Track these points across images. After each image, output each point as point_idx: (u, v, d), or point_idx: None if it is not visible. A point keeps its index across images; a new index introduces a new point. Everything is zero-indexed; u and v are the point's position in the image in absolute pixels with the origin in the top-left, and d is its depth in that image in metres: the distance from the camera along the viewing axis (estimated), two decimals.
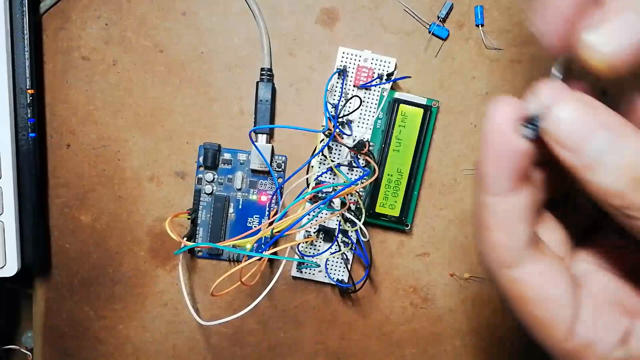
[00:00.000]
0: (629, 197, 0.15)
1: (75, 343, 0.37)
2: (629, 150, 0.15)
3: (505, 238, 0.17)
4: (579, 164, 0.15)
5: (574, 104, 0.16)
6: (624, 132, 0.15)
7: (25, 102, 0.32)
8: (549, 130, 0.16)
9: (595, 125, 0.15)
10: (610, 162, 0.15)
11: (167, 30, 0.35)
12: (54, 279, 0.36)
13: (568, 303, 0.18)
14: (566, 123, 0.15)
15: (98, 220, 0.36)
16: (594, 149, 0.15)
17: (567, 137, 0.15)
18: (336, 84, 0.34)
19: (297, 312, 0.37)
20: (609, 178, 0.15)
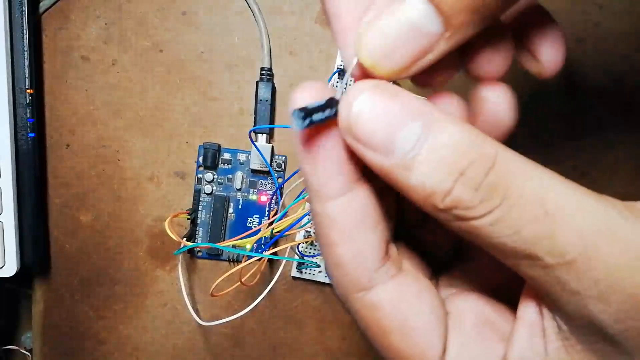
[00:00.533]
0: (456, 193, 0.12)
1: (75, 343, 0.37)
2: (446, 138, 0.12)
3: (350, 252, 0.14)
4: (390, 164, 0.13)
5: (372, 91, 0.13)
6: (436, 118, 0.13)
7: (24, 102, 0.32)
8: (346, 128, 0.13)
9: (403, 114, 0.13)
10: (428, 155, 0.12)
11: (167, 30, 0.35)
12: (53, 279, 0.36)
13: (436, 332, 0.15)
14: (367, 116, 0.13)
15: (98, 220, 0.36)
16: (405, 143, 0.12)
17: (371, 133, 0.13)
18: (336, 84, 0.34)
19: (297, 312, 0.37)
20: (429, 175, 0.12)
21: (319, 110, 0.13)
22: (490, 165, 0.12)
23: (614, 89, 0.34)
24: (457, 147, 0.12)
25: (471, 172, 0.12)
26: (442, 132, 0.13)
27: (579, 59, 0.34)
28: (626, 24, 0.34)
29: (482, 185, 0.12)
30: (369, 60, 0.13)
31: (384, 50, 0.13)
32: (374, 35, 0.13)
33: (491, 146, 0.13)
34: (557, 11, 0.36)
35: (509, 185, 0.12)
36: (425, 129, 0.13)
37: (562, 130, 0.35)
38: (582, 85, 0.34)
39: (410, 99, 0.13)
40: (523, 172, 0.13)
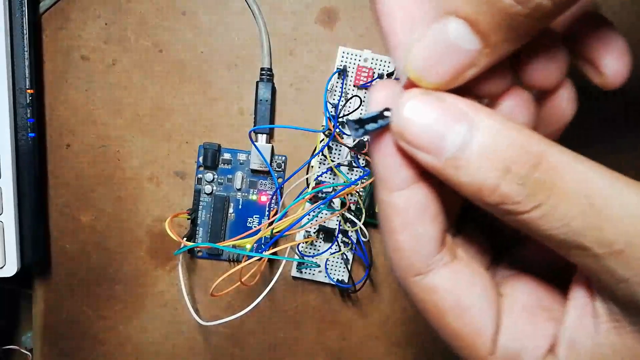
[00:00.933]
0: (503, 190, 0.13)
1: (75, 343, 0.37)
2: (490, 136, 0.13)
3: (410, 239, 0.16)
4: (440, 164, 0.14)
5: (420, 98, 0.14)
6: (481, 118, 0.14)
7: (24, 102, 0.32)
8: (398, 133, 0.14)
9: (449, 116, 0.14)
10: (474, 154, 0.13)
11: (167, 30, 0.35)
12: (53, 279, 0.36)
13: (488, 312, 0.16)
14: (415, 122, 0.14)
15: (98, 221, 0.36)
16: (453, 144, 0.13)
17: (420, 137, 0.14)
18: (336, 84, 0.34)
19: (297, 312, 0.37)
20: (477, 173, 0.13)
21: (373, 121, 0.15)
22: (536, 161, 0.13)
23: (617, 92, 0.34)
24: (502, 146, 0.13)
25: (517, 169, 0.13)
26: (487, 132, 0.13)
27: None
28: (626, 24, 0.34)
29: (529, 181, 0.13)
30: (414, 74, 0.14)
31: (427, 66, 0.14)
32: (417, 52, 0.14)
33: (537, 143, 0.13)
34: None
35: (555, 181, 0.13)
36: (471, 130, 0.13)
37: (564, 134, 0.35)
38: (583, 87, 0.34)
39: (457, 102, 0.14)
40: (569, 167, 0.13)
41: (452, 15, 0.13)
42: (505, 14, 0.12)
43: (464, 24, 0.13)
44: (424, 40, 0.14)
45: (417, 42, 0.14)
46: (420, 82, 0.14)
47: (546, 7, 0.12)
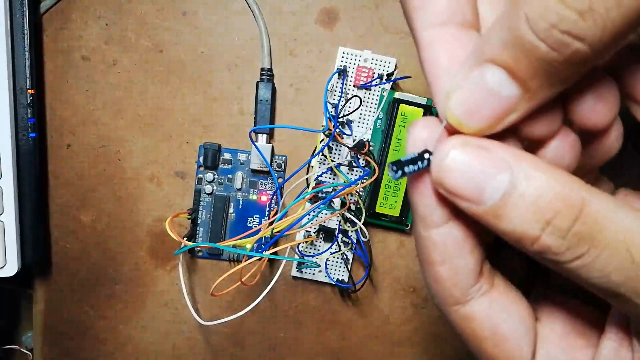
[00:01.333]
0: (544, 241, 0.13)
1: (76, 343, 0.37)
2: (532, 188, 0.13)
3: (449, 271, 0.16)
4: (481, 212, 0.14)
5: (461, 149, 0.14)
6: (524, 168, 0.13)
7: (25, 102, 0.32)
8: (438, 182, 0.14)
9: (491, 166, 0.14)
10: (515, 205, 0.13)
11: (167, 30, 0.35)
12: (54, 279, 0.36)
13: (525, 339, 0.16)
14: (456, 172, 0.14)
15: (98, 220, 0.36)
16: (494, 194, 0.13)
17: (461, 186, 0.14)
18: (336, 84, 0.34)
19: (297, 312, 0.37)
20: (518, 224, 0.13)
21: (412, 163, 0.15)
22: (577, 213, 0.13)
23: None
24: (544, 197, 0.13)
25: (558, 222, 0.13)
26: (529, 183, 0.13)
27: None
28: None
29: (569, 234, 0.13)
30: (454, 120, 0.14)
31: (467, 112, 0.14)
32: (457, 98, 0.14)
33: (578, 194, 0.13)
34: None
35: (595, 234, 0.13)
36: (512, 180, 0.13)
37: None
38: None
39: (499, 151, 0.14)
40: (609, 216, 0.13)
41: (490, 63, 0.13)
42: (542, 61, 0.12)
43: (502, 71, 0.13)
44: (463, 86, 0.14)
45: (457, 89, 0.14)
46: (460, 128, 0.14)
47: (584, 54, 0.12)
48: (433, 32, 0.15)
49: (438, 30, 0.15)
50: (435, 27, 0.15)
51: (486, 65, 0.13)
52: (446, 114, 0.14)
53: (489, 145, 0.14)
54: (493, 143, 0.14)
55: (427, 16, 0.15)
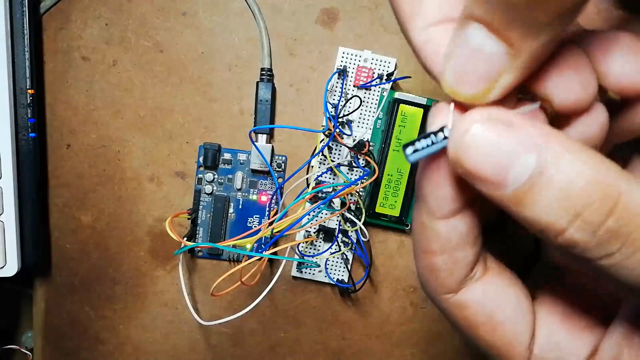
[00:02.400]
0: (571, 235, 0.12)
1: (75, 343, 0.37)
2: (563, 173, 0.12)
3: (447, 263, 0.15)
4: (503, 197, 0.12)
5: (483, 123, 0.12)
6: (554, 150, 0.12)
7: (25, 102, 0.32)
8: (456, 161, 0.13)
9: (516, 147, 0.12)
10: (542, 192, 0.12)
11: (167, 30, 0.35)
12: (54, 279, 0.36)
13: (522, 323, 0.16)
14: (476, 151, 0.12)
15: (98, 221, 0.36)
16: (518, 178, 0.12)
17: (482, 166, 0.12)
18: (336, 84, 0.34)
19: (297, 312, 0.37)
20: (543, 213, 0.12)
21: (427, 144, 0.13)
22: (611, 207, 0.12)
23: None
24: (575, 185, 0.12)
25: (589, 215, 0.12)
26: (559, 167, 0.12)
27: None
28: None
29: (601, 229, 0.12)
30: (448, 89, 0.13)
31: (458, 76, 0.13)
32: (448, 65, 0.13)
33: (615, 183, 0.12)
34: None
35: (629, 230, 0.12)
36: (540, 162, 0.12)
37: None
38: None
39: (526, 127, 0.12)
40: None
41: (470, 20, 0.12)
42: (507, 5, 0.11)
43: (481, 27, 0.12)
44: (452, 52, 0.13)
45: (446, 57, 0.13)
46: (456, 97, 0.13)
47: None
48: (427, 32, 0.14)
49: (432, 29, 0.14)
50: (429, 28, 0.14)
51: (467, 23, 0.12)
52: (443, 86, 0.13)
53: (515, 120, 0.12)
54: (520, 119, 0.12)
55: (420, 21, 0.14)
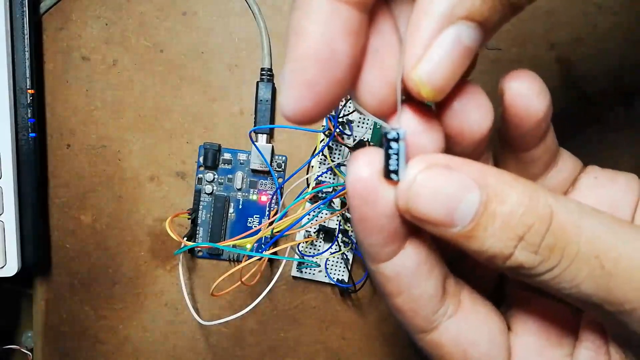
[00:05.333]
0: (517, 258, 0.13)
1: (75, 343, 0.37)
2: (503, 205, 0.13)
3: (407, 302, 0.15)
4: (453, 236, 0.13)
5: (427, 171, 0.13)
6: (492, 184, 0.13)
7: (25, 102, 0.32)
8: (404, 209, 0.13)
9: (459, 188, 0.13)
10: (487, 224, 0.13)
11: (167, 30, 0.35)
12: (54, 279, 0.36)
13: (497, 358, 0.16)
14: (424, 196, 0.13)
15: (98, 221, 0.36)
16: (464, 216, 0.13)
17: (430, 211, 0.13)
18: None
19: (297, 312, 0.37)
20: (490, 243, 0.13)
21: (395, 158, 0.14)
22: (547, 226, 0.13)
23: (614, 89, 0.34)
24: (515, 213, 0.13)
25: (529, 237, 0.13)
26: (499, 200, 0.13)
27: (579, 59, 0.34)
28: (625, 24, 0.34)
29: (541, 247, 0.13)
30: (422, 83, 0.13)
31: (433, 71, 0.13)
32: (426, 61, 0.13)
33: (546, 204, 0.13)
34: (556, 11, 0.36)
35: (565, 244, 0.13)
36: (482, 199, 0.13)
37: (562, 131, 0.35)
38: (582, 85, 0.34)
39: (465, 168, 0.13)
40: (579, 227, 0.13)
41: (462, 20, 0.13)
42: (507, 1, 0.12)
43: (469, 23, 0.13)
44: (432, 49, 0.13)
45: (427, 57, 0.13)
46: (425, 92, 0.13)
47: None
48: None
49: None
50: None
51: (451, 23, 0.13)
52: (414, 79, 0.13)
53: (452, 163, 0.13)
54: (458, 161, 0.13)
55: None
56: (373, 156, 0.14)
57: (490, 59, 0.35)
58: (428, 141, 0.14)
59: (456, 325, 0.15)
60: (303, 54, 0.13)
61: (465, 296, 0.16)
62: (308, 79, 0.13)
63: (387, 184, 0.14)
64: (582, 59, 0.34)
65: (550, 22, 0.34)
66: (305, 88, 0.13)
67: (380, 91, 0.14)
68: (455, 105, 0.15)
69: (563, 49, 0.34)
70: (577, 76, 0.34)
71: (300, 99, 0.13)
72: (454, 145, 0.15)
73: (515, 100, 0.15)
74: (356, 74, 0.14)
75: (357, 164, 0.14)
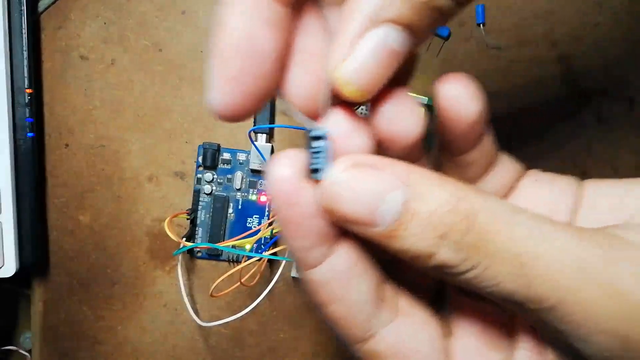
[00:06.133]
0: (440, 256, 0.13)
1: (74, 344, 0.37)
2: (425, 203, 0.13)
3: (341, 310, 0.15)
4: (376, 235, 0.13)
5: (349, 171, 0.13)
6: (415, 182, 0.13)
7: (23, 102, 0.32)
8: (327, 209, 0.13)
9: (381, 187, 0.13)
10: (410, 223, 0.13)
11: (167, 29, 0.34)
12: (52, 279, 0.36)
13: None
14: (346, 197, 0.13)
15: (97, 221, 0.35)
16: (387, 215, 0.13)
17: (353, 211, 0.13)
18: None
19: (297, 312, 0.37)
20: (413, 242, 0.13)
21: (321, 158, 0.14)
22: (469, 224, 0.13)
23: (615, 88, 0.34)
24: (438, 212, 0.13)
25: (452, 235, 0.13)
26: (422, 199, 0.13)
27: (579, 58, 0.34)
28: (626, 23, 0.34)
29: (463, 245, 0.13)
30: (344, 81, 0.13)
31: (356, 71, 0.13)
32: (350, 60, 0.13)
33: (469, 202, 0.13)
34: (556, 10, 0.36)
35: (486, 242, 0.13)
36: (405, 198, 0.13)
37: (563, 129, 0.35)
38: (582, 84, 0.34)
39: (389, 167, 0.13)
40: (499, 223, 0.13)
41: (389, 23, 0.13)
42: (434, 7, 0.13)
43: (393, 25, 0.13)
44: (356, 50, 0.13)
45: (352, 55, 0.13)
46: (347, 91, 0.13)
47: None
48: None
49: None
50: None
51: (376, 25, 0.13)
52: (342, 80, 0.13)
53: (378, 162, 0.13)
54: (383, 160, 0.14)
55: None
56: (295, 157, 0.14)
57: (491, 58, 0.34)
58: (356, 143, 0.14)
59: (394, 332, 0.15)
60: (226, 47, 0.13)
61: (403, 302, 0.16)
62: (232, 72, 0.13)
63: (311, 184, 0.14)
64: (582, 57, 0.34)
65: (551, 21, 0.34)
66: (231, 82, 0.13)
67: (308, 91, 0.14)
68: (386, 110, 0.15)
69: (564, 48, 0.34)
70: (578, 75, 0.34)
71: (227, 93, 0.13)
72: (387, 150, 0.15)
73: (448, 103, 0.15)
74: (283, 71, 0.14)
75: (278, 164, 0.14)
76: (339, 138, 0.14)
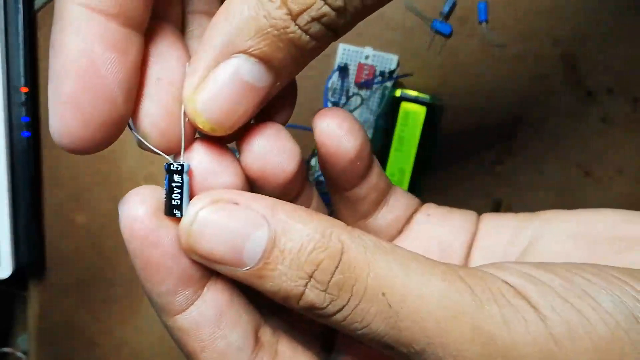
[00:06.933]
0: (308, 297, 0.12)
1: (70, 346, 0.36)
2: (292, 241, 0.12)
3: (217, 358, 0.14)
4: (243, 275, 0.13)
5: (210, 207, 0.13)
6: (281, 220, 0.13)
7: (19, 101, 0.32)
8: (189, 249, 0.13)
9: (246, 225, 0.12)
10: (277, 262, 0.12)
11: None
12: (48, 280, 0.36)
13: None
14: (208, 237, 0.12)
15: (93, 221, 0.35)
16: (254, 254, 0.12)
17: (217, 250, 0.12)
18: (337, 82, 0.33)
19: None
20: (282, 282, 0.12)
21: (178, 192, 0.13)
22: (336, 263, 0.12)
23: (618, 88, 0.34)
24: (304, 250, 0.12)
25: (318, 275, 0.12)
26: (288, 236, 0.12)
27: (583, 57, 0.34)
28: (627, 22, 0.33)
29: (330, 285, 0.12)
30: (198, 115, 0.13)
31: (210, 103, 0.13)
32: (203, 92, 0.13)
33: (337, 240, 0.13)
34: (560, 7, 0.36)
35: (353, 282, 0.12)
36: (271, 236, 0.12)
37: (566, 130, 0.34)
38: (586, 82, 0.34)
39: (253, 204, 0.13)
40: (368, 263, 0.13)
41: (242, 54, 0.12)
42: (288, 40, 0.12)
43: (247, 57, 0.12)
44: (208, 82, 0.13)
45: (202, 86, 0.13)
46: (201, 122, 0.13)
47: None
48: None
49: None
50: None
51: (229, 55, 0.13)
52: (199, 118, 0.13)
53: (240, 198, 0.13)
54: (246, 195, 0.13)
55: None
56: (150, 193, 0.13)
57: (494, 55, 0.34)
58: (220, 178, 0.14)
59: None
60: (61, 67, 0.12)
61: (283, 346, 0.15)
62: (68, 93, 0.12)
63: (170, 222, 0.13)
64: (586, 55, 0.34)
65: (555, 19, 0.33)
66: (68, 106, 0.12)
67: (163, 122, 0.13)
68: (255, 146, 0.14)
69: (567, 46, 0.34)
70: (581, 73, 0.34)
71: (66, 119, 0.12)
72: (261, 187, 0.15)
73: (325, 139, 0.15)
74: (133, 99, 0.13)
75: (128, 202, 0.13)
76: (200, 173, 0.14)
